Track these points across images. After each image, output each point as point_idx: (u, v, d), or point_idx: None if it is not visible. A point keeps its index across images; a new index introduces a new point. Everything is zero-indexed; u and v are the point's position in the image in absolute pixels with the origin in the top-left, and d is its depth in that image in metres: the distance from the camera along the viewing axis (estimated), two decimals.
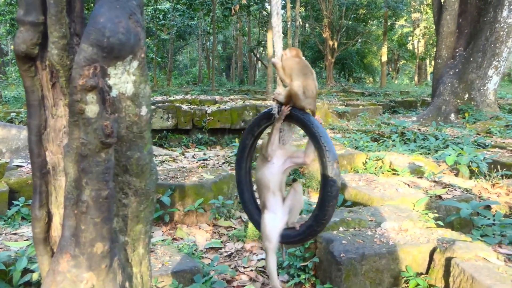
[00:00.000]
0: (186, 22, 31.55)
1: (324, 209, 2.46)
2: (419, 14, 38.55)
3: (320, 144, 2.46)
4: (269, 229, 2.70)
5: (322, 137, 2.47)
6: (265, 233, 2.71)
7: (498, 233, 4.45)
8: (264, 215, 2.73)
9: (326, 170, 2.41)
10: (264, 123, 2.80)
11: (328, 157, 2.43)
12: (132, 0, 1.63)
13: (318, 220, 2.50)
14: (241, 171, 2.93)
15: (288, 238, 2.73)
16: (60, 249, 1.59)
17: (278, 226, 2.72)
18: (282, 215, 2.74)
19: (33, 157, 1.81)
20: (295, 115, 2.60)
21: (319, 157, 2.49)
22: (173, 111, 11.50)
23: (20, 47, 1.68)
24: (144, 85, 1.69)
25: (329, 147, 2.46)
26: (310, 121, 2.54)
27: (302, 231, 2.64)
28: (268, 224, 2.70)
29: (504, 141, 8.76)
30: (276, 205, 2.73)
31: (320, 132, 2.49)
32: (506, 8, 12.56)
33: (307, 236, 2.67)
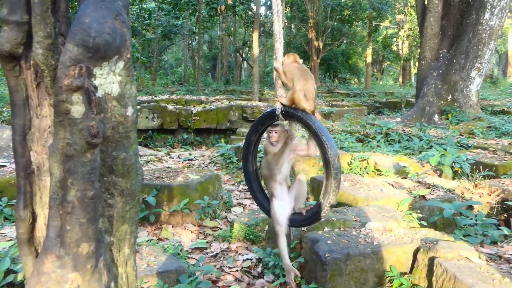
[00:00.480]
0: (172, 21, 31.44)
1: (328, 198, 2.82)
2: (403, 15, 38.86)
3: (322, 142, 2.76)
4: (279, 215, 3.07)
5: (324, 136, 2.77)
6: (276, 218, 3.09)
7: (480, 233, 4.52)
8: (273, 202, 3.09)
9: (329, 165, 2.74)
10: (268, 121, 3.11)
11: (331, 153, 2.74)
12: (118, 0, 1.63)
13: (323, 207, 2.88)
14: (248, 164, 3.28)
15: (295, 222, 3.13)
16: (45, 249, 1.58)
17: (286, 212, 3.10)
18: (289, 202, 3.12)
19: (17, 157, 1.80)
20: (297, 116, 2.89)
21: (322, 153, 2.80)
22: (159, 111, 11.45)
23: (4, 47, 1.67)
24: (130, 85, 1.69)
25: (331, 145, 2.77)
26: (312, 121, 2.82)
27: (309, 216, 3.04)
28: (278, 210, 3.07)
29: (486, 142, 8.87)
30: (283, 193, 3.11)
31: (321, 131, 2.78)
32: (488, 10, 12.73)
33: (313, 220, 3.07)
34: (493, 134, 10.51)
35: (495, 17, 12.75)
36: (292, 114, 2.91)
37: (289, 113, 2.94)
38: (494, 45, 13.26)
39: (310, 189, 6.09)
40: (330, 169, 2.76)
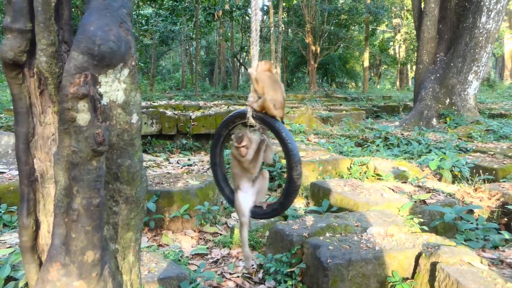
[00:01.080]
0: (169, 27, 31.48)
1: (288, 199, 3.00)
2: (400, 19, 38.99)
3: (288, 149, 2.89)
4: (243, 206, 3.19)
5: (290, 143, 2.90)
6: (240, 208, 3.20)
7: (481, 237, 4.51)
8: (238, 194, 3.21)
9: (292, 170, 2.90)
10: (238, 120, 3.23)
11: (294, 160, 2.89)
12: (122, 8, 1.63)
13: (283, 206, 3.08)
14: (216, 157, 3.42)
15: (256, 215, 3.22)
16: (49, 257, 1.58)
17: (249, 204, 3.21)
18: (252, 195, 3.23)
19: (21, 164, 1.79)
20: (267, 121, 3.01)
21: (287, 159, 2.93)
22: (157, 117, 11.43)
23: (8, 55, 1.67)
24: (135, 92, 1.69)
25: (295, 152, 2.92)
26: (280, 128, 2.95)
27: (269, 211, 3.16)
28: (242, 201, 3.19)
29: (485, 146, 8.89)
30: (248, 187, 3.22)
31: (288, 138, 2.92)
32: (484, 14, 12.78)
33: (272, 215, 3.20)
34: (491, 138, 10.53)
35: (491, 21, 12.80)
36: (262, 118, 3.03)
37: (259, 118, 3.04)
38: (491, 48, 13.30)
39: (310, 194, 6.09)
40: (292, 174, 2.92)
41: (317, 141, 10.17)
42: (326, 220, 4.45)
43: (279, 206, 3.11)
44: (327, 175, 6.95)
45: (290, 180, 2.95)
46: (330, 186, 5.64)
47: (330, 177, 6.83)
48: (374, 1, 32.95)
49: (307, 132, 11.85)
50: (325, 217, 4.60)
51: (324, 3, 34.28)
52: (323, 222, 4.36)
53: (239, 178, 3.24)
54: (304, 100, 23.95)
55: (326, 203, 5.41)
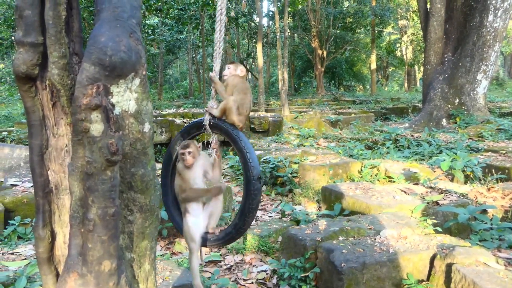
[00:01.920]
0: (175, 36, 31.59)
1: (244, 219, 2.67)
2: (406, 21, 38.89)
3: (246, 159, 2.62)
4: (193, 231, 2.87)
5: (249, 153, 2.64)
6: (190, 234, 2.89)
7: (496, 237, 4.47)
8: (187, 218, 2.89)
9: (250, 184, 2.60)
10: (194, 131, 2.96)
11: (253, 172, 2.60)
12: (132, 18, 1.65)
13: (238, 229, 2.74)
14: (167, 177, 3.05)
15: (207, 241, 2.90)
16: (67, 268, 1.59)
17: (199, 229, 2.90)
18: (203, 219, 2.93)
19: (35, 176, 1.81)
20: (224, 129, 2.77)
21: (244, 171, 2.66)
22: (166, 125, 11.47)
23: (20, 68, 1.69)
24: (146, 101, 1.70)
25: (254, 163, 2.63)
26: (239, 137, 2.70)
27: (222, 236, 2.85)
28: (192, 226, 2.87)
29: (496, 145, 8.83)
30: (197, 209, 2.91)
31: (247, 147, 2.66)
32: (491, 12, 12.73)
33: (226, 241, 2.88)
34: (502, 137, 10.45)
35: (499, 19, 12.74)
36: (220, 126, 2.78)
37: (217, 126, 2.81)
38: (499, 47, 13.23)
39: (322, 198, 6.07)
40: (250, 189, 2.62)
41: (327, 145, 10.16)
42: (338, 223, 4.44)
43: (233, 229, 2.77)
44: (338, 179, 6.94)
45: (247, 196, 2.65)
46: (341, 190, 5.63)
47: (341, 181, 6.81)
48: (379, 3, 32.95)
49: (316, 136, 11.85)
50: (338, 220, 4.59)
51: (330, 7, 34.28)
52: (336, 226, 4.35)
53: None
54: (312, 104, 23.96)
55: (338, 206, 5.40)
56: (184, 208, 2.90)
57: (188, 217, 2.89)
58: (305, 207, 6.44)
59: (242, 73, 2.98)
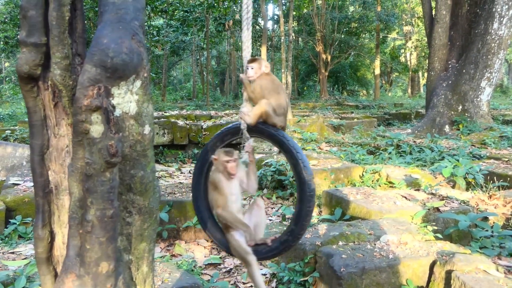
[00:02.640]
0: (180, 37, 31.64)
1: (301, 223, 2.50)
2: (411, 27, 38.92)
3: (298, 160, 2.47)
4: (244, 244, 2.67)
5: (299, 153, 2.50)
6: (242, 248, 2.68)
7: (497, 245, 4.46)
8: (232, 233, 2.69)
9: (305, 185, 2.45)
10: (228, 138, 2.79)
11: (307, 172, 2.46)
12: (135, 20, 1.65)
13: (295, 235, 2.55)
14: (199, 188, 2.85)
15: (259, 254, 2.70)
16: (65, 269, 1.59)
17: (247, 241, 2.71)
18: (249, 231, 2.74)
19: (36, 176, 1.81)
20: (267, 131, 2.61)
21: (296, 173, 2.50)
22: (169, 127, 11.49)
23: (23, 68, 1.70)
24: (147, 104, 1.70)
25: (306, 163, 2.49)
26: (285, 137, 2.55)
27: (276, 246, 2.65)
28: (241, 240, 2.68)
29: (499, 152, 8.81)
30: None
31: (295, 148, 2.51)
32: (496, 20, 12.71)
33: (281, 251, 2.67)
34: (505, 144, 10.43)
35: (503, 27, 12.72)
36: (260, 129, 2.61)
37: (257, 129, 2.63)
38: (504, 54, 13.21)
39: (323, 202, 6.06)
40: (305, 190, 2.47)
41: (329, 149, 10.16)
42: (339, 228, 4.43)
43: (290, 237, 2.58)
44: (339, 183, 6.93)
45: (303, 199, 2.49)
46: (342, 194, 5.62)
47: (343, 185, 6.81)
48: (384, 9, 32.96)
49: (318, 140, 11.84)
50: (338, 225, 4.58)
51: (335, 11, 34.34)
52: (336, 231, 4.34)
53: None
54: (315, 108, 23.95)
55: (339, 211, 5.39)
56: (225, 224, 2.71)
57: (233, 232, 2.69)
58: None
59: (267, 69, 2.75)
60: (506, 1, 12.57)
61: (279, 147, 2.60)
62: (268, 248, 2.67)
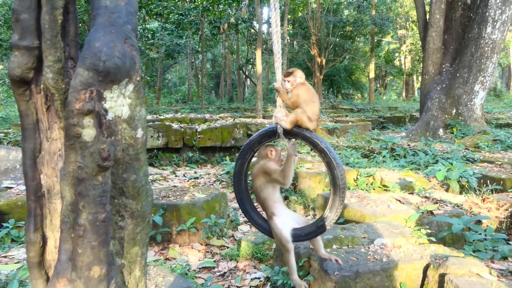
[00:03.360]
0: (175, 41, 31.67)
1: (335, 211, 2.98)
2: (405, 30, 39.08)
3: (330, 159, 2.88)
4: (285, 232, 3.10)
5: (331, 153, 2.89)
6: (282, 235, 3.10)
7: (490, 248, 4.48)
8: (274, 221, 3.11)
9: (337, 180, 2.89)
10: (265, 140, 3.15)
11: (339, 169, 2.88)
12: (127, 24, 1.65)
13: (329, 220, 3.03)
14: (241, 184, 3.26)
15: (299, 237, 3.17)
16: (56, 273, 1.58)
17: (288, 227, 3.13)
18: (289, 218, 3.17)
19: (28, 180, 1.80)
20: (302, 134, 2.96)
21: (329, 170, 2.92)
22: (164, 130, 11.47)
23: (15, 71, 1.69)
24: (140, 107, 1.70)
25: (338, 161, 2.90)
26: (318, 139, 2.93)
27: (313, 230, 3.13)
28: (282, 227, 3.09)
29: (492, 156, 8.84)
30: (283, 210, 3.16)
31: (328, 148, 2.91)
32: (489, 24, 12.80)
33: (318, 233, 3.17)
34: (499, 148, 10.48)
35: (497, 31, 12.81)
36: (296, 132, 2.96)
37: (292, 132, 2.97)
38: (497, 58, 13.29)
39: (317, 206, 6.06)
40: (338, 184, 2.89)
41: None
42: (333, 232, 4.43)
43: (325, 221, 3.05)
44: None
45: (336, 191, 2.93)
46: None
47: None
48: (379, 13, 33.11)
49: None
50: (332, 229, 4.58)
51: (329, 15, 34.43)
52: (330, 234, 4.34)
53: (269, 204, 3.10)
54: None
55: None
56: (270, 212, 3.10)
57: (276, 219, 3.09)
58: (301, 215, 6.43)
59: (302, 79, 3.06)
60: (499, 6, 12.66)
61: (313, 147, 2.99)
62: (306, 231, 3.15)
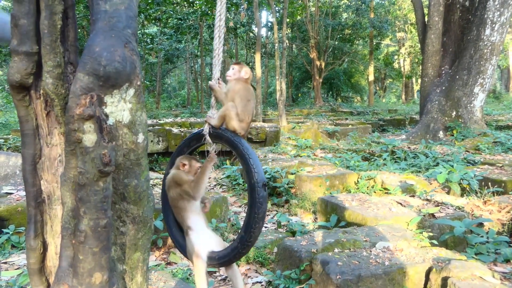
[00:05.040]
0: (174, 45, 31.71)
1: (250, 231, 2.46)
2: (404, 33, 39.13)
3: (250, 166, 2.47)
4: (197, 247, 2.65)
5: (252, 159, 2.49)
6: (193, 249, 2.66)
7: (492, 251, 4.46)
8: (190, 235, 2.69)
9: (254, 192, 2.43)
10: (194, 143, 2.84)
11: (257, 179, 2.44)
12: (127, 28, 1.64)
13: (244, 242, 2.50)
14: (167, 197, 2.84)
15: (212, 260, 2.67)
16: (57, 279, 1.57)
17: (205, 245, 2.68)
18: (208, 235, 2.73)
19: (28, 186, 1.79)
20: (225, 136, 2.64)
21: (248, 179, 2.50)
22: (164, 134, 11.44)
23: (15, 77, 1.68)
24: (141, 112, 1.69)
25: (258, 170, 2.47)
26: (240, 143, 2.56)
27: (227, 253, 2.61)
28: (196, 241, 2.66)
29: (493, 158, 8.83)
30: (200, 224, 2.73)
31: (249, 153, 2.51)
32: (488, 26, 12.80)
33: (232, 258, 2.63)
34: (499, 150, 10.46)
35: (496, 33, 12.82)
36: (220, 135, 2.66)
37: (218, 134, 2.68)
38: (496, 60, 13.29)
39: (318, 209, 6.05)
40: (254, 197, 2.44)
41: (324, 155, 10.16)
42: (334, 235, 4.42)
43: (239, 244, 2.53)
44: (334, 190, 6.92)
45: (252, 205, 2.46)
46: (338, 201, 5.61)
47: (338, 192, 6.80)
48: (377, 16, 33.15)
49: (313, 147, 11.84)
50: (334, 232, 4.57)
51: (328, 18, 34.49)
52: (332, 238, 4.33)
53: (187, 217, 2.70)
54: (309, 115, 24.00)
55: (334, 218, 5.38)
56: (187, 226, 2.71)
57: (191, 234, 2.69)
58: (301, 218, 6.41)
59: (246, 75, 2.81)
60: (498, 8, 12.67)
61: (234, 151, 2.61)
62: (219, 255, 2.64)
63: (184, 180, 2.66)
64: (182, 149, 2.86)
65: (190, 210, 2.69)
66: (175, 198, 2.69)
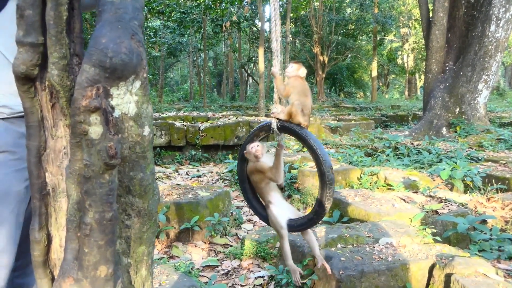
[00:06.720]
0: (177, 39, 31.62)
1: (323, 206, 2.98)
2: (408, 29, 39.01)
3: (318, 156, 2.93)
4: (279, 218, 3.17)
5: (319, 149, 2.93)
6: (277, 221, 3.17)
7: (496, 248, 4.45)
8: (271, 208, 3.20)
9: (324, 176, 2.92)
10: (263, 134, 3.27)
11: (325, 165, 2.91)
12: (134, 20, 1.62)
13: (318, 214, 3.02)
14: (243, 173, 3.40)
15: (291, 228, 3.21)
16: (62, 272, 1.56)
17: (284, 216, 3.20)
18: (286, 208, 3.26)
19: (33, 178, 1.78)
20: (293, 130, 3.03)
21: (318, 165, 2.96)
22: (166, 128, 11.44)
23: (20, 68, 1.66)
24: (147, 105, 1.67)
25: (325, 158, 2.94)
26: (307, 135, 2.99)
27: (304, 222, 3.15)
28: (277, 213, 3.17)
29: (496, 155, 8.81)
30: (279, 199, 3.25)
31: (317, 144, 2.95)
32: (493, 23, 12.75)
33: (309, 225, 3.19)
34: (502, 147, 10.44)
35: (500, 29, 12.76)
36: (288, 128, 3.04)
37: (285, 127, 3.06)
38: (501, 57, 13.25)
39: None
40: (325, 180, 2.93)
41: (326, 151, 10.13)
42: (337, 231, 4.41)
43: (314, 215, 3.08)
44: (337, 185, 6.91)
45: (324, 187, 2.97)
46: (340, 197, 5.60)
47: (341, 188, 6.79)
48: (381, 11, 33.05)
49: None
50: (336, 227, 4.56)
51: (332, 13, 34.39)
52: (335, 233, 4.32)
53: (267, 193, 3.23)
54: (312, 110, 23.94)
55: (337, 213, 5.37)
56: (267, 201, 3.21)
57: (272, 207, 3.19)
58: (304, 212, 6.41)
59: (303, 74, 3.12)
60: (503, 4, 12.62)
61: (302, 142, 3.04)
62: (298, 223, 3.18)
63: (265, 169, 3.13)
64: (252, 138, 3.32)
65: (270, 188, 3.22)
66: (257, 181, 3.22)
